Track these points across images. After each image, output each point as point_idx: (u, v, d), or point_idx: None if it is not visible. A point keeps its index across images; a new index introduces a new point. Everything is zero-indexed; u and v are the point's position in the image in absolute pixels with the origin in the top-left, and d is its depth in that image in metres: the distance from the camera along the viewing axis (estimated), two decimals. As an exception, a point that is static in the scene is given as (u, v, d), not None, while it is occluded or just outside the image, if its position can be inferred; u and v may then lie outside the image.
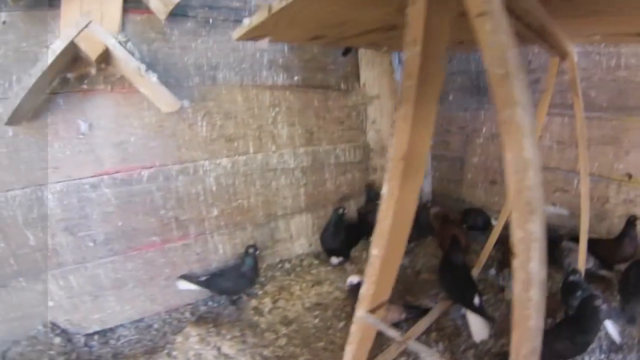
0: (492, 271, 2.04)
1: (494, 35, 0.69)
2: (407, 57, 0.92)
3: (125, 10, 1.75)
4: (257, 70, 2.09)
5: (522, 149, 0.66)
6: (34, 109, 1.66)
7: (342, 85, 2.33)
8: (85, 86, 1.77)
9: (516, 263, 0.69)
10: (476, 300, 1.66)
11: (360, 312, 1.15)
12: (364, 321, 1.15)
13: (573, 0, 1.07)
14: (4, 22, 1.58)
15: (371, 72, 2.40)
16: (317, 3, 1.10)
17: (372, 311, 1.14)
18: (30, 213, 1.73)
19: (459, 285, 1.76)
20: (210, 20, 1.98)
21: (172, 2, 1.74)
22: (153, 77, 1.71)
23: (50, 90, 1.68)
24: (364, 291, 1.12)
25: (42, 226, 1.77)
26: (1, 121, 1.59)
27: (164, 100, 1.82)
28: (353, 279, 1.85)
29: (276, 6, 1.08)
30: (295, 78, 2.17)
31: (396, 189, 0.99)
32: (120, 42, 1.68)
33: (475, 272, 2.04)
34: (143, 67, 1.68)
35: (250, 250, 1.96)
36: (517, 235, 0.68)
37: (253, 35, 1.49)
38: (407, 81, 0.94)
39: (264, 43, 2.09)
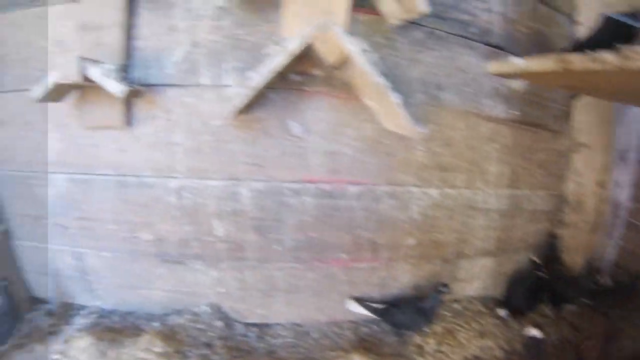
0: None
1: None
2: None
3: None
4: (480, 97, 1.69)
5: None
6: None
7: (553, 126, 1.96)
8: (304, 87, 1.50)
9: None
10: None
11: None
12: None
13: None
14: (219, 7, 1.46)
15: (586, 116, 1.98)
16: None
17: None
18: (224, 205, 1.56)
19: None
20: (438, 32, 1.61)
21: (419, 11, 1.37)
22: (396, 98, 1.40)
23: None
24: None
25: (233, 220, 1.58)
26: (218, 117, 1.50)
27: (398, 122, 1.52)
28: (533, 331, 1.64)
29: (579, 64, 0.91)
30: (514, 111, 1.76)
31: None
32: (362, 51, 1.33)
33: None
34: (387, 85, 1.35)
35: (441, 289, 1.71)
36: None
37: (517, 75, 1.33)
38: None
39: (517, 83, 1.75)
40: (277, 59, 1.31)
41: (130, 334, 1.69)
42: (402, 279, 1.72)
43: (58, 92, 1.48)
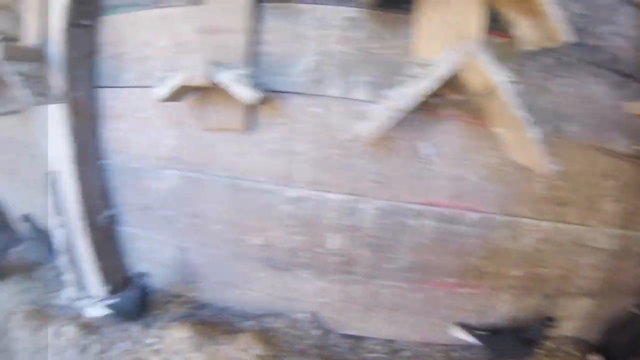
0: None
1: None
2: None
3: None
4: (603, 130, 1.59)
5: None
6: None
7: (677, 164, 1.85)
8: (438, 109, 1.45)
9: None
10: None
11: None
12: None
13: None
14: (349, 18, 1.41)
15: None
16: None
17: None
18: (342, 219, 1.52)
19: None
20: (566, 59, 1.50)
21: (562, 40, 1.30)
22: (533, 133, 1.32)
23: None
24: None
25: (350, 235, 1.55)
26: (346, 130, 1.48)
27: (529, 156, 1.45)
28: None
29: None
30: (637, 147, 1.65)
31: None
32: (508, 82, 1.26)
33: None
34: (528, 119, 1.29)
35: (546, 323, 1.66)
36: None
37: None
38: None
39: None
40: (424, 83, 1.26)
41: (225, 331, 1.70)
42: (501, 308, 1.68)
43: (181, 93, 1.45)
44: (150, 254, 1.79)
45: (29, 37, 1.78)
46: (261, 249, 1.61)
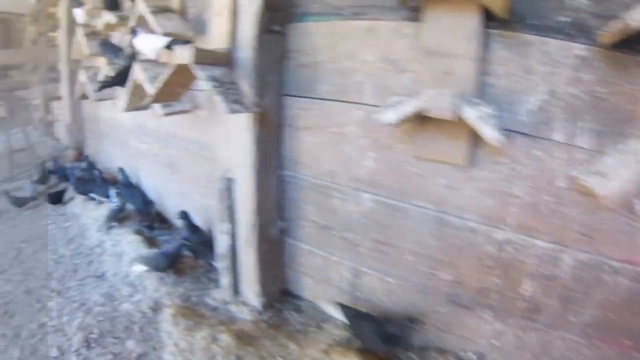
0: None
1: None
2: None
3: None
4: None
5: None
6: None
7: None
8: None
9: None
10: None
11: None
12: None
13: None
14: (579, 57, 1.26)
15: None
16: None
17: None
18: (541, 267, 1.54)
19: None
20: None
21: None
22: None
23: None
24: None
25: (544, 284, 1.58)
26: (563, 178, 1.44)
27: None
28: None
29: None
30: None
31: None
32: None
33: None
34: None
35: None
36: None
37: None
38: None
39: None
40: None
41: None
42: (666, 381, 1.69)
43: (410, 120, 1.45)
44: (318, 271, 1.77)
45: (214, 42, 1.77)
46: (449, 284, 1.61)
